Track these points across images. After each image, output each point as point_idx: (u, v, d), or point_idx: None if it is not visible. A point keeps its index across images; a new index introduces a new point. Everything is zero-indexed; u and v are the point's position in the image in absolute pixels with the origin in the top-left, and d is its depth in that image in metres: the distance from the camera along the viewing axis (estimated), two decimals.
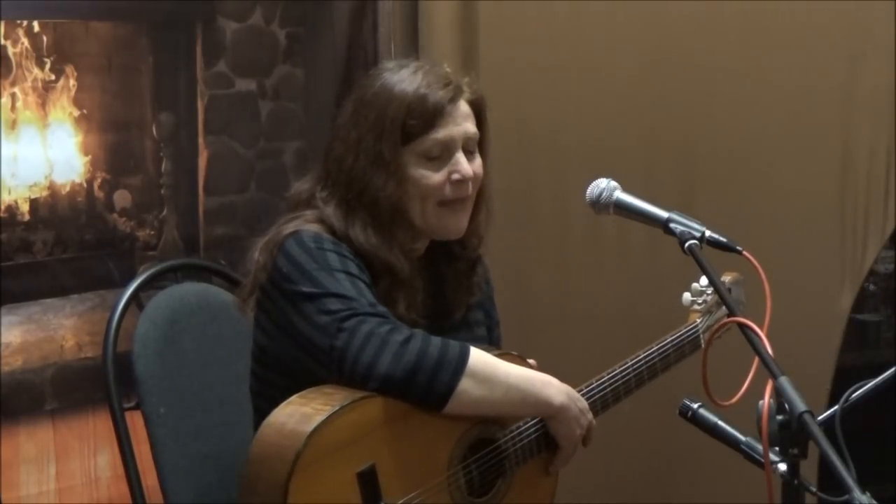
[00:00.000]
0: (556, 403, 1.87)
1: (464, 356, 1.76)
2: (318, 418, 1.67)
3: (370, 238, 1.88)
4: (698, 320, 2.19)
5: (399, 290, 1.89)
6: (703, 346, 2.17)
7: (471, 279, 2.05)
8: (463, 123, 1.93)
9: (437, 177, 1.91)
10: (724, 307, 2.19)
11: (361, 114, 1.92)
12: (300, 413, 1.70)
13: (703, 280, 2.19)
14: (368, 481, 1.70)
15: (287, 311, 1.83)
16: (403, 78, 1.92)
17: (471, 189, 1.94)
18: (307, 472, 1.65)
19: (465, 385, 1.75)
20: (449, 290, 2.03)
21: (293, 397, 1.74)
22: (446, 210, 1.93)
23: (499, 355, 1.86)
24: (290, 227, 1.88)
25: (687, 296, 2.20)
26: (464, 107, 1.94)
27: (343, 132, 1.93)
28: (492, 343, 2.12)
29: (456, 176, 1.92)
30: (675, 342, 2.14)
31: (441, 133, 1.90)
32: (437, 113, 1.90)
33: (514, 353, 1.95)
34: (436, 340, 1.76)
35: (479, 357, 1.79)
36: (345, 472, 1.69)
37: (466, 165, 1.93)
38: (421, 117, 1.89)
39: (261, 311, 1.91)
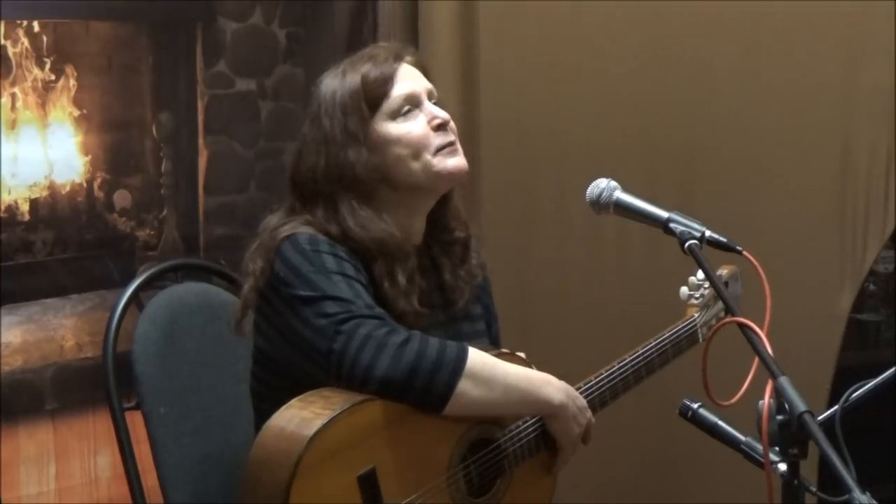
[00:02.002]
0: (556, 402, 1.87)
1: (462, 356, 1.76)
2: (319, 422, 1.67)
3: (358, 214, 1.89)
4: (696, 315, 2.18)
5: (396, 267, 1.88)
6: (700, 340, 2.17)
7: (466, 262, 2.05)
8: (416, 79, 1.97)
9: (417, 126, 1.93)
10: (721, 301, 2.19)
11: (320, 120, 1.93)
12: (300, 417, 1.70)
13: (700, 273, 2.18)
14: (369, 485, 1.70)
15: (285, 315, 1.82)
16: (344, 70, 1.96)
17: (453, 134, 1.96)
18: (308, 476, 1.65)
19: (464, 386, 1.75)
20: (448, 278, 2.03)
21: (292, 401, 1.74)
22: (443, 156, 1.94)
23: (497, 355, 1.86)
24: (284, 231, 1.88)
25: (684, 290, 2.20)
26: (409, 68, 1.98)
27: (308, 146, 1.94)
28: (491, 338, 2.12)
29: (436, 121, 1.94)
30: (672, 337, 2.13)
31: (402, 87, 1.94)
32: (389, 74, 1.94)
33: (519, 354, 1.95)
34: (433, 341, 1.76)
35: (477, 357, 1.79)
36: (345, 476, 1.69)
37: (441, 110, 1.95)
38: (376, 82, 1.92)
39: (260, 315, 1.91)
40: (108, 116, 2.78)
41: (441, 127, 1.94)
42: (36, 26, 2.64)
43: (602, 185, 1.86)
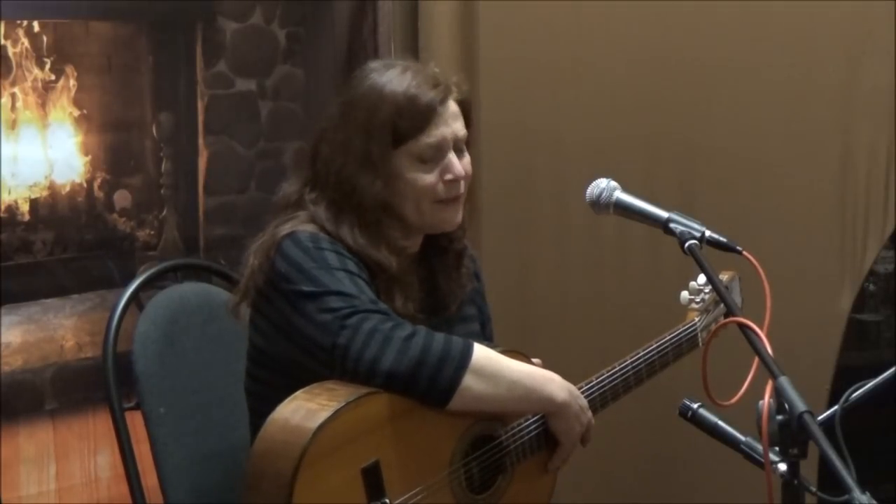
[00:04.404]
0: (559, 400, 1.87)
1: (467, 352, 1.77)
2: (324, 414, 1.67)
3: (357, 238, 1.89)
4: (696, 319, 2.19)
5: (393, 287, 1.89)
6: (700, 344, 2.18)
7: (459, 270, 2.06)
8: (453, 124, 1.93)
9: (429, 178, 1.92)
10: (721, 305, 2.20)
11: (350, 115, 1.91)
12: (305, 409, 1.71)
13: (701, 278, 2.19)
14: (372, 478, 1.71)
15: (286, 312, 1.83)
16: (392, 78, 1.91)
17: (462, 187, 1.95)
18: (313, 467, 1.65)
19: (469, 381, 1.76)
20: (442, 283, 2.04)
21: (297, 393, 1.74)
22: (441, 206, 1.94)
23: (502, 352, 1.87)
24: (285, 229, 1.88)
25: (685, 294, 2.21)
26: (453, 107, 1.94)
27: (331, 134, 1.93)
28: (485, 338, 2.12)
29: (449, 176, 1.93)
30: (673, 341, 2.14)
31: (433, 135, 1.90)
32: (428, 114, 1.90)
33: (519, 351, 1.95)
34: (439, 336, 1.77)
35: (482, 353, 1.79)
36: (349, 469, 1.69)
37: (458, 166, 1.94)
38: (412, 119, 1.89)
39: (257, 313, 1.91)
40: (108, 116, 2.77)
41: (452, 182, 1.93)
42: (36, 26, 2.64)
43: (602, 185, 1.86)
